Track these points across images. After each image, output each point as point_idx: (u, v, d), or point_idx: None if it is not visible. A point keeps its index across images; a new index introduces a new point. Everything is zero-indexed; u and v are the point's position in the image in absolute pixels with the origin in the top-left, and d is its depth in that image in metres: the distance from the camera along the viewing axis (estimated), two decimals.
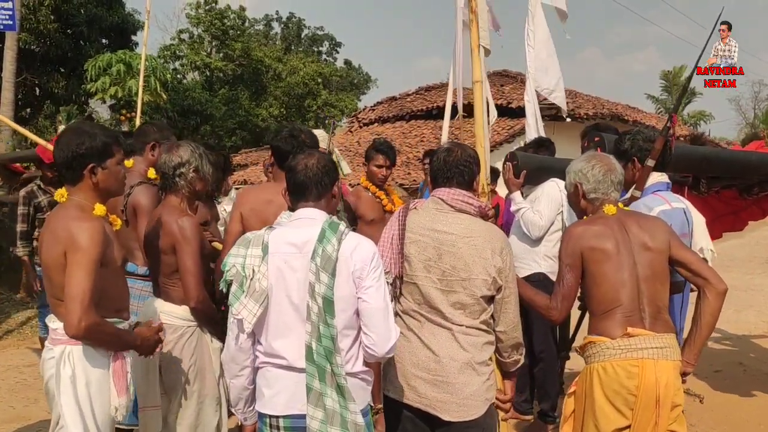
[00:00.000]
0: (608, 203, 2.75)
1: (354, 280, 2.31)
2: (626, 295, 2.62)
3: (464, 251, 2.56)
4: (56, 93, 16.31)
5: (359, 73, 35.49)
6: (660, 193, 3.23)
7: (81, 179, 2.49)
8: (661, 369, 2.55)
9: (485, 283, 2.55)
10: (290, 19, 34.23)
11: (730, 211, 4.99)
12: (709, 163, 4.25)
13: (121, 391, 2.52)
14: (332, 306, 2.26)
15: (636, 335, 2.58)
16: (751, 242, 13.95)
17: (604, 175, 2.74)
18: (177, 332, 3.02)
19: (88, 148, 2.46)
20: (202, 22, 26.65)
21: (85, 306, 2.32)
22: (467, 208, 2.63)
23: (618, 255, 2.65)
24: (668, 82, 44.73)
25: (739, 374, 5.78)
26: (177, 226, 2.94)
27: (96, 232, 2.40)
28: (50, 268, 2.45)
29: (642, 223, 2.73)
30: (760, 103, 48.18)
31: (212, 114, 21.47)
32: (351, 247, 2.32)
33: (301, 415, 2.30)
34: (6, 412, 4.93)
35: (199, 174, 3.10)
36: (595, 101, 17.44)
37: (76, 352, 2.45)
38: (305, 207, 2.43)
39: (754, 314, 8.12)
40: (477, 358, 2.57)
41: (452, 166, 2.67)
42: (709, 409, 4.86)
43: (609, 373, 2.59)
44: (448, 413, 2.55)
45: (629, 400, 2.56)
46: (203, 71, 26.52)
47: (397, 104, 18.87)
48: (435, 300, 2.57)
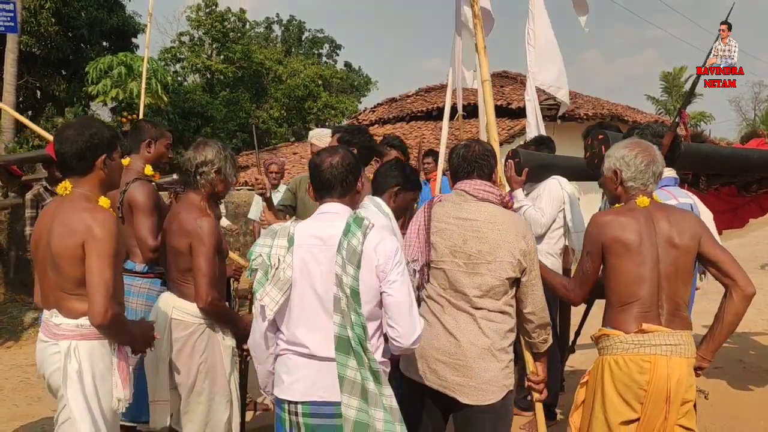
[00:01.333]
0: (644, 194, 2.72)
1: (378, 273, 2.38)
2: (645, 290, 2.62)
3: (489, 235, 2.70)
4: (57, 96, 16.33)
5: (359, 75, 35.50)
6: (668, 188, 3.23)
7: (91, 170, 2.52)
8: (674, 366, 2.57)
9: (510, 265, 2.69)
10: (291, 21, 34.26)
11: (729, 209, 5.02)
12: (711, 160, 4.28)
13: (125, 383, 2.56)
14: (359, 297, 2.35)
15: (650, 331, 2.59)
16: (752, 242, 14.00)
17: (646, 166, 2.71)
18: (188, 329, 3.06)
19: (101, 139, 2.51)
20: (203, 25, 26.67)
21: (110, 296, 2.37)
22: (489, 197, 2.79)
23: (640, 249, 2.63)
24: (668, 83, 44.75)
25: (739, 371, 5.80)
26: (195, 225, 2.97)
27: (112, 223, 2.44)
28: (63, 258, 2.43)
29: (672, 218, 2.69)
30: (760, 104, 48.29)
31: (213, 116, 21.47)
32: (375, 242, 2.39)
33: (321, 402, 2.37)
34: (10, 410, 4.97)
35: (221, 175, 3.10)
36: (595, 102, 17.46)
37: (83, 347, 2.47)
38: (330, 202, 2.52)
39: (755, 312, 8.13)
40: (497, 345, 2.69)
41: (471, 160, 2.84)
42: (709, 405, 4.86)
43: (621, 366, 2.62)
44: (466, 396, 2.66)
45: (639, 394, 2.59)
46: (204, 74, 26.53)
47: (397, 105, 18.90)
48: (460, 283, 2.70)
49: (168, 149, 3.77)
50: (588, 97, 17.90)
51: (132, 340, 2.63)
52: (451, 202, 2.83)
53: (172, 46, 27.12)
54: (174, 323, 3.06)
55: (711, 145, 5.03)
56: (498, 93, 15.49)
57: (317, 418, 2.38)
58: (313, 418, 2.39)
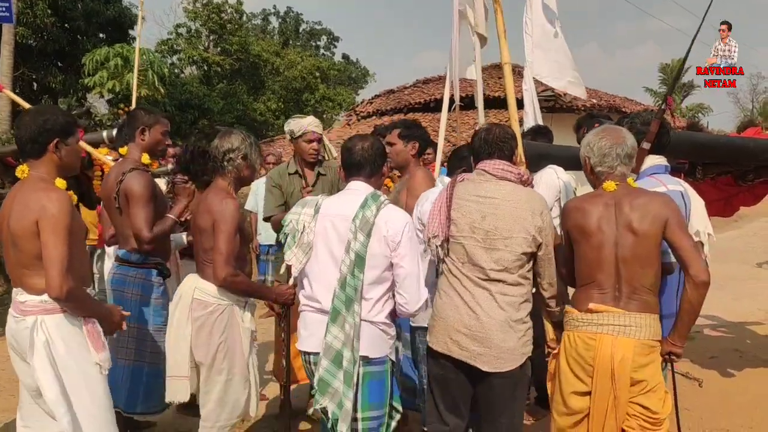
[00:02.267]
0: (612, 178, 2.78)
1: (387, 243, 2.76)
2: (602, 274, 2.75)
3: (506, 213, 2.86)
4: (54, 87, 16.29)
5: (357, 67, 35.48)
6: (657, 176, 3.23)
7: (44, 153, 2.65)
8: (619, 345, 2.69)
9: (526, 240, 2.84)
10: (288, 13, 34.23)
11: (722, 197, 5.01)
12: (708, 149, 4.27)
13: (99, 348, 2.68)
14: (363, 262, 2.74)
15: (598, 311, 2.73)
16: (749, 233, 14.02)
17: (610, 148, 2.77)
18: (207, 308, 3.13)
19: (54, 124, 2.65)
20: (200, 17, 26.57)
21: (65, 269, 2.49)
22: (508, 176, 2.94)
23: (598, 234, 2.74)
24: (666, 75, 44.68)
25: (735, 360, 5.82)
26: (220, 206, 3.08)
27: (65, 201, 2.56)
28: (20, 237, 2.56)
29: (635, 203, 2.73)
30: (758, 96, 48.24)
31: (210, 108, 21.41)
32: (387, 216, 2.79)
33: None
34: (7, 401, 4.96)
35: (247, 161, 3.24)
36: (593, 93, 17.45)
37: (49, 320, 2.60)
38: (357, 180, 2.93)
39: (751, 302, 8.16)
40: (514, 317, 2.86)
41: (492, 142, 3.00)
42: (704, 394, 4.89)
43: (571, 341, 2.82)
44: (488, 365, 2.85)
45: (587, 369, 2.76)
46: (201, 66, 26.45)
47: (394, 97, 18.88)
48: (478, 258, 2.86)
49: (164, 136, 3.72)
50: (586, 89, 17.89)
51: (96, 314, 2.73)
52: (472, 181, 2.99)
53: (169, 38, 27.03)
54: (195, 302, 3.15)
55: (707, 134, 5.02)
56: (497, 84, 15.46)
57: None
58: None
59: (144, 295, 3.48)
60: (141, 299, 3.46)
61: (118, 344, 3.38)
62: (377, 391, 2.84)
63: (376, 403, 2.84)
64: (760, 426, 4.45)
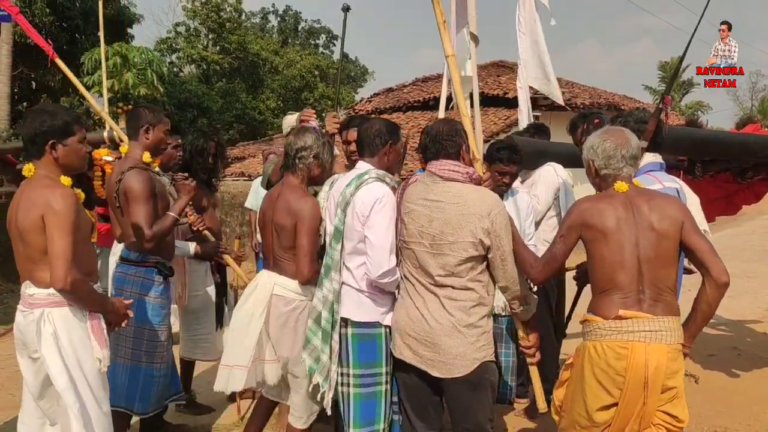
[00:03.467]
0: (621, 179, 2.70)
1: (359, 218, 2.93)
2: (625, 276, 2.60)
3: (451, 216, 2.78)
4: (52, 86, 16.24)
5: (356, 65, 35.45)
6: (653, 173, 3.24)
7: (43, 154, 2.73)
8: (652, 352, 2.55)
9: (472, 245, 2.76)
10: (287, 12, 34.19)
11: (723, 195, 5.01)
12: (708, 145, 4.27)
13: (102, 344, 2.75)
14: (340, 234, 3.01)
15: (628, 317, 2.58)
16: (748, 231, 14.03)
17: (614, 150, 2.69)
18: (290, 305, 3.23)
19: (50, 126, 2.71)
20: (198, 15, 26.55)
21: (69, 262, 2.58)
22: (455, 176, 2.84)
23: (618, 235, 2.62)
24: (665, 72, 44.63)
25: (733, 358, 5.82)
26: (298, 204, 3.18)
27: (69, 197, 2.65)
28: (27, 231, 2.65)
29: (653, 203, 2.67)
30: (758, 94, 48.21)
31: (209, 107, 21.38)
32: (361, 193, 2.95)
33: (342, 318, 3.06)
34: (6, 399, 4.97)
35: (319, 160, 3.29)
36: (592, 91, 17.44)
37: (56, 312, 2.67)
38: (361, 160, 3.13)
39: (750, 300, 8.17)
40: (463, 321, 2.78)
41: (437, 141, 2.90)
42: (703, 391, 4.91)
43: (599, 352, 2.62)
44: (437, 370, 2.81)
45: (617, 380, 2.58)
46: (200, 64, 26.42)
47: (393, 95, 18.86)
48: (426, 263, 2.82)
49: (167, 135, 3.71)
50: (584, 87, 17.88)
51: (101, 308, 2.80)
52: (421, 183, 2.92)
53: (168, 37, 27.02)
54: (275, 299, 3.22)
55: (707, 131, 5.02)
56: (494, 82, 15.47)
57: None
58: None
59: (142, 294, 3.47)
60: (139, 298, 3.45)
61: (117, 342, 3.38)
62: (366, 352, 3.00)
63: (366, 363, 3.00)
64: (760, 424, 4.45)
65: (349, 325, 3.03)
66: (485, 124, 12.93)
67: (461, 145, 2.92)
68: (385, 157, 3.12)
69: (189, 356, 4.50)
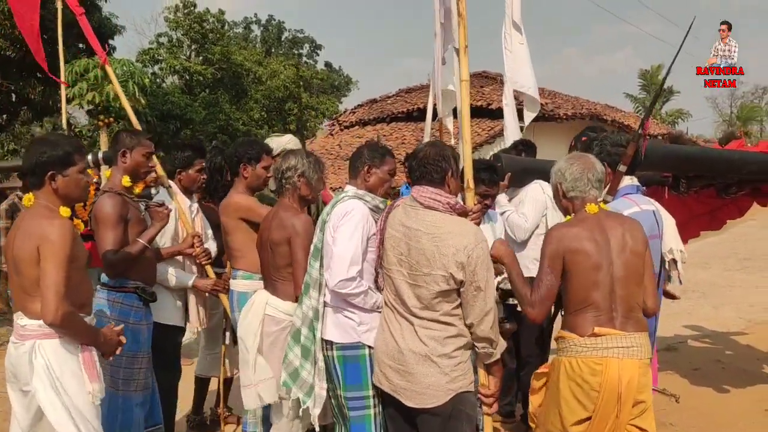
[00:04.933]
0: (589, 201, 2.81)
1: (331, 232, 2.98)
2: (599, 295, 2.70)
3: (427, 247, 2.68)
4: (33, 99, 16.07)
5: (340, 75, 35.50)
6: (630, 196, 3.28)
7: (43, 185, 2.70)
8: (625, 367, 2.66)
9: (444, 278, 2.65)
10: (270, 21, 34.21)
11: (708, 211, 5.04)
12: (693, 162, 4.30)
13: (93, 377, 2.70)
14: (318, 252, 3.07)
15: (603, 335, 2.68)
16: (729, 239, 14.11)
17: (581, 173, 2.81)
18: (279, 325, 3.28)
19: (50, 157, 2.68)
20: (181, 26, 26.46)
21: (61, 295, 2.53)
22: (435, 204, 2.74)
23: (597, 256, 2.71)
24: (646, 81, 45.16)
25: (717, 372, 5.83)
26: (292, 222, 3.26)
27: (66, 229, 2.61)
28: (22, 261, 2.62)
29: (625, 224, 2.80)
30: (737, 101, 48.83)
31: (192, 118, 21.31)
32: (336, 209, 3.02)
33: (326, 341, 3.08)
34: None
35: (305, 178, 3.37)
36: (575, 101, 17.58)
37: (47, 345, 2.62)
38: (347, 183, 3.19)
39: (732, 311, 8.21)
40: (436, 352, 2.69)
41: (422, 164, 2.80)
42: (688, 407, 4.91)
43: (574, 368, 2.71)
44: (410, 400, 2.74)
45: (591, 395, 2.68)
46: (182, 75, 26.31)
47: (377, 106, 18.90)
48: (403, 292, 2.76)
49: (147, 158, 3.62)
50: (567, 97, 18.01)
51: (91, 340, 2.75)
52: (403, 208, 2.83)
53: (150, 48, 26.87)
54: (267, 319, 3.29)
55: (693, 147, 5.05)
56: (478, 93, 15.52)
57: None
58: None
59: (120, 320, 3.40)
60: (117, 324, 3.38)
61: None
62: (352, 374, 2.99)
63: (353, 385, 2.99)
64: None
65: (334, 348, 3.03)
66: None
67: (447, 170, 2.78)
68: (364, 179, 3.13)
69: (205, 374, 4.46)
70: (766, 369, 5.91)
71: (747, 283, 10.02)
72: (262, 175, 3.85)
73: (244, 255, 3.75)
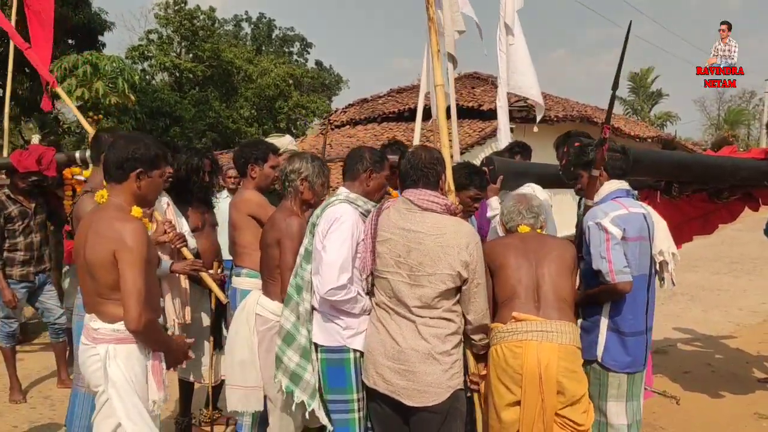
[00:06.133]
0: (522, 226, 3.24)
1: (321, 237, 2.98)
2: (521, 289, 3.02)
3: (431, 247, 2.78)
4: (21, 95, 15.93)
5: (330, 73, 35.39)
6: (619, 200, 3.29)
7: (126, 180, 2.68)
8: (544, 350, 2.87)
9: (450, 277, 2.77)
10: (260, 19, 34.03)
11: (700, 215, 5.07)
12: (686, 169, 4.32)
13: (159, 386, 2.70)
14: (309, 256, 3.05)
15: (522, 320, 2.94)
16: (717, 242, 14.19)
17: (513, 206, 3.29)
18: (266, 324, 3.33)
19: (142, 155, 2.68)
20: (171, 23, 26.30)
21: (143, 302, 2.52)
22: (433, 207, 2.84)
23: (516, 258, 3.07)
24: (635, 83, 45.45)
25: (707, 375, 5.87)
26: (285, 223, 3.28)
27: (141, 232, 2.59)
28: (96, 266, 2.57)
29: (546, 241, 3.22)
30: (724, 104, 49.17)
31: (182, 116, 21.18)
32: (326, 213, 3.02)
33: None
34: None
35: (309, 182, 3.39)
36: (565, 103, 17.60)
37: (121, 351, 2.60)
38: (342, 185, 3.17)
39: (721, 314, 8.26)
40: (438, 349, 2.78)
41: (417, 168, 2.89)
42: (678, 411, 4.94)
43: (499, 354, 2.95)
44: (411, 399, 2.78)
45: (515, 378, 2.88)
46: (172, 72, 26.15)
47: (368, 106, 18.82)
48: (402, 294, 2.80)
49: None
50: (558, 99, 18.02)
51: (166, 347, 2.76)
52: (397, 211, 2.89)
53: (140, 44, 26.65)
54: (257, 318, 3.36)
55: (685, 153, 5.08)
56: (469, 94, 15.51)
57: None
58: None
59: None
60: None
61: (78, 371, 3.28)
62: (335, 377, 3.01)
63: (336, 389, 3.01)
64: None
65: (319, 350, 3.05)
66: (459, 136, 12.94)
67: (441, 174, 2.96)
68: (365, 184, 3.15)
69: (186, 377, 4.44)
70: (755, 372, 5.96)
71: (735, 287, 10.10)
72: (270, 175, 3.88)
73: (250, 253, 3.75)
